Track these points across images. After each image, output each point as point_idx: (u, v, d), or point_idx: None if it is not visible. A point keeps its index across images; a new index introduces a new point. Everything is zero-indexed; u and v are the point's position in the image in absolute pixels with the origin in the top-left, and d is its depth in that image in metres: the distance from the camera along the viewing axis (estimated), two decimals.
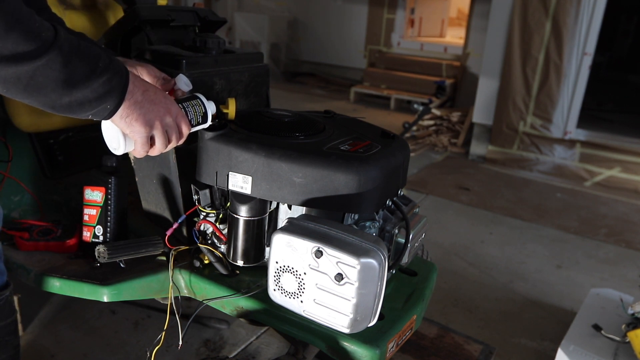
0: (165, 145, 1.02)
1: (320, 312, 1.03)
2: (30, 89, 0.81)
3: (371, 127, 1.36)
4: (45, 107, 0.85)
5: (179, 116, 1.03)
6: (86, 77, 0.85)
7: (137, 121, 0.95)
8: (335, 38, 7.15)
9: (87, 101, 0.86)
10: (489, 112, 4.31)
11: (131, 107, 0.93)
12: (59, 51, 0.81)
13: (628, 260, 2.78)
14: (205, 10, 1.54)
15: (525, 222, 3.17)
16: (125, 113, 0.93)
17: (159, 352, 1.47)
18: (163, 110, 0.98)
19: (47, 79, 0.81)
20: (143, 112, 0.95)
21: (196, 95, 1.12)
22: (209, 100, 1.14)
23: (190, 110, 1.08)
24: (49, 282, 1.31)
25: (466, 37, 5.99)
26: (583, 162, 4.05)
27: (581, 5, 3.74)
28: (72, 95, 0.85)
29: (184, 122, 1.04)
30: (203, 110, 1.11)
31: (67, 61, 0.82)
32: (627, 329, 1.64)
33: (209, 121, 1.13)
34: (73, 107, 0.86)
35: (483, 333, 2.05)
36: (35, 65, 0.79)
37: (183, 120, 1.04)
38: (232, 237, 1.21)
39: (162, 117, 0.98)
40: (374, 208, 1.14)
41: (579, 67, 3.92)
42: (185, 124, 1.04)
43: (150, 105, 0.96)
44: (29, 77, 0.80)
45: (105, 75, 0.87)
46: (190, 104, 1.09)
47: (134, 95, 0.93)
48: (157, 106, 0.97)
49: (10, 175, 1.57)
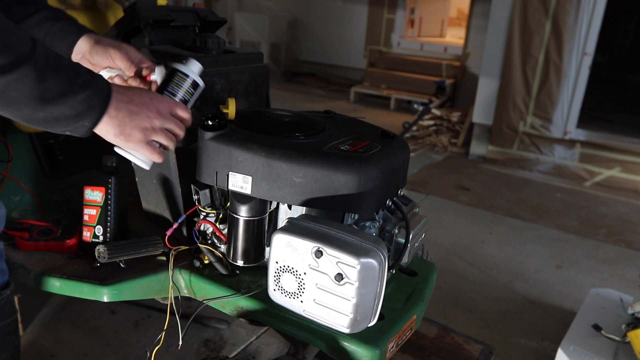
0: (174, 140, 1.01)
1: (320, 312, 1.03)
2: (3, 102, 0.80)
3: (371, 127, 1.36)
4: (20, 120, 0.84)
5: (171, 107, 1.00)
6: (62, 94, 0.83)
7: (131, 136, 0.93)
8: (335, 38, 7.15)
9: (64, 117, 0.85)
10: (489, 112, 4.31)
11: (121, 125, 0.91)
12: (33, 66, 0.79)
13: (628, 260, 2.78)
14: (205, 10, 1.54)
15: (525, 222, 3.17)
16: (116, 132, 0.92)
17: (159, 352, 1.47)
18: (153, 113, 0.96)
19: (20, 94, 0.80)
20: (133, 125, 0.93)
21: (174, 68, 1.07)
22: (187, 61, 1.08)
23: (178, 90, 1.05)
24: (49, 282, 1.31)
25: (466, 37, 5.99)
26: (583, 162, 4.05)
27: (581, 5, 3.74)
28: (47, 111, 0.83)
29: (179, 108, 1.01)
30: (188, 79, 1.06)
31: (42, 77, 0.80)
32: (627, 329, 1.64)
33: (200, 83, 1.09)
34: (49, 122, 0.85)
35: (483, 333, 2.05)
36: (7, 79, 0.78)
37: (176, 107, 1.01)
38: (232, 237, 1.21)
39: (153, 120, 0.96)
40: (374, 208, 1.14)
41: (579, 67, 3.92)
42: (180, 109, 1.02)
43: (137, 115, 0.94)
44: (0, 90, 0.78)
45: (84, 92, 0.85)
46: (174, 83, 1.05)
47: (120, 111, 0.91)
48: (144, 112, 0.94)
49: (10, 175, 1.57)
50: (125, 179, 1.40)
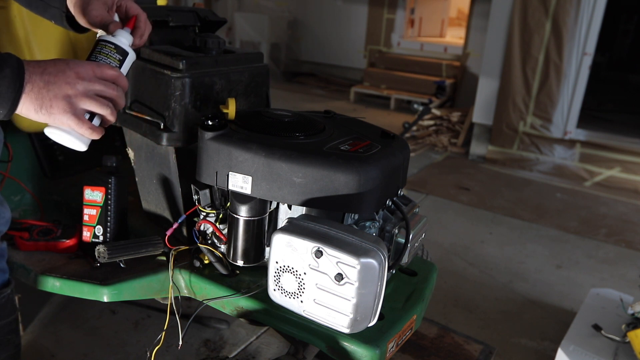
0: (110, 106, 0.91)
1: (320, 312, 1.03)
2: None
3: (371, 127, 1.36)
4: None
5: (93, 67, 0.89)
6: None
7: (52, 107, 0.85)
8: (335, 38, 7.14)
9: None
10: (489, 112, 4.31)
11: (38, 98, 0.84)
12: None
13: (628, 260, 2.78)
14: (205, 10, 1.54)
15: (525, 222, 3.17)
16: (35, 107, 0.84)
17: (159, 352, 1.47)
18: (72, 78, 0.86)
19: None
20: (51, 96, 0.84)
21: (99, 38, 0.98)
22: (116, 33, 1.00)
23: (101, 57, 0.96)
24: (49, 282, 1.31)
25: (466, 37, 5.99)
26: (583, 162, 4.05)
27: (581, 5, 3.74)
28: None
29: (105, 67, 0.91)
30: (111, 45, 0.97)
31: None
32: (627, 329, 1.64)
33: (130, 51, 1.00)
34: None
35: (483, 333, 2.05)
36: None
37: (101, 67, 0.90)
38: (232, 237, 1.21)
39: (75, 85, 0.86)
40: (374, 208, 1.14)
41: (579, 67, 3.92)
42: (107, 68, 0.91)
43: (55, 83, 0.85)
44: None
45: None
46: (96, 52, 0.96)
47: (34, 84, 0.83)
48: (61, 78, 0.85)
49: (10, 175, 1.57)
50: (125, 179, 1.40)
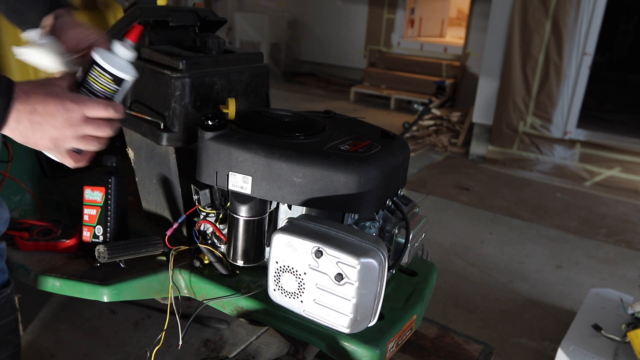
0: (97, 142, 0.89)
1: (320, 312, 1.03)
2: None
3: (371, 127, 1.36)
4: None
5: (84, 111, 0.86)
6: None
7: (38, 145, 0.85)
8: (335, 38, 7.14)
9: None
10: (489, 112, 4.31)
11: (24, 136, 0.84)
12: None
13: (628, 260, 2.78)
14: (205, 10, 1.54)
15: (525, 222, 3.17)
16: (22, 141, 0.85)
17: (159, 352, 1.47)
18: (60, 123, 0.84)
19: None
20: (37, 137, 0.84)
21: (93, 59, 0.89)
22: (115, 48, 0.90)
23: (95, 87, 0.89)
24: (49, 282, 1.31)
25: (466, 37, 5.99)
26: (583, 162, 4.05)
27: (581, 5, 3.74)
28: None
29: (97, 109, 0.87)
30: (106, 74, 0.89)
31: None
32: (627, 329, 1.64)
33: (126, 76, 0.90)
34: None
35: (483, 333, 2.05)
36: None
37: (93, 109, 0.86)
38: (232, 237, 1.21)
39: (62, 130, 0.84)
40: (374, 208, 1.14)
41: (579, 67, 3.92)
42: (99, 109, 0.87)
43: (41, 126, 0.83)
44: None
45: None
46: (91, 78, 0.89)
47: (20, 123, 0.82)
48: (48, 123, 0.83)
49: (10, 175, 1.57)
50: (125, 179, 1.40)
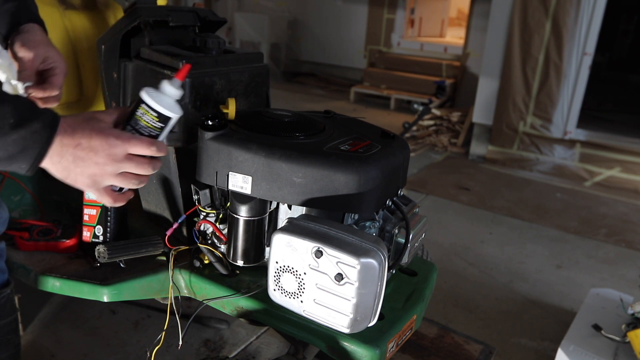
0: (137, 180, 0.90)
1: (320, 312, 1.03)
2: None
3: (371, 127, 1.36)
4: None
5: (127, 148, 0.86)
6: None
7: (77, 182, 0.85)
8: (335, 38, 7.15)
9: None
10: (489, 112, 4.31)
11: (65, 171, 0.83)
12: None
13: (628, 260, 2.78)
14: (205, 10, 1.54)
15: (525, 222, 3.17)
16: (61, 176, 0.84)
17: (159, 352, 1.47)
18: (103, 159, 0.84)
19: None
20: (78, 172, 0.84)
21: (140, 98, 0.90)
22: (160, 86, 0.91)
23: (141, 125, 0.90)
24: (49, 282, 1.31)
25: (466, 37, 6.00)
26: (583, 162, 4.05)
27: (581, 5, 3.74)
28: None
29: (140, 146, 0.87)
30: (152, 112, 0.89)
31: None
32: (627, 329, 1.64)
33: (172, 115, 0.91)
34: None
35: (483, 333, 2.05)
36: None
37: (136, 146, 0.86)
38: (232, 237, 1.21)
39: (104, 166, 0.84)
40: (374, 208, 1.14)
41: (579, 67, 3.92)
42: (142, 147, 0.87)
43: (84, 161, 0.83)
44: None
45: (16, 133, 0.77)
46: (137, 117, 0.90)
47: (63, 157, 0.82)
48: (91, 159, 0.83)
49: (10, 175, 1.57)
50: None
